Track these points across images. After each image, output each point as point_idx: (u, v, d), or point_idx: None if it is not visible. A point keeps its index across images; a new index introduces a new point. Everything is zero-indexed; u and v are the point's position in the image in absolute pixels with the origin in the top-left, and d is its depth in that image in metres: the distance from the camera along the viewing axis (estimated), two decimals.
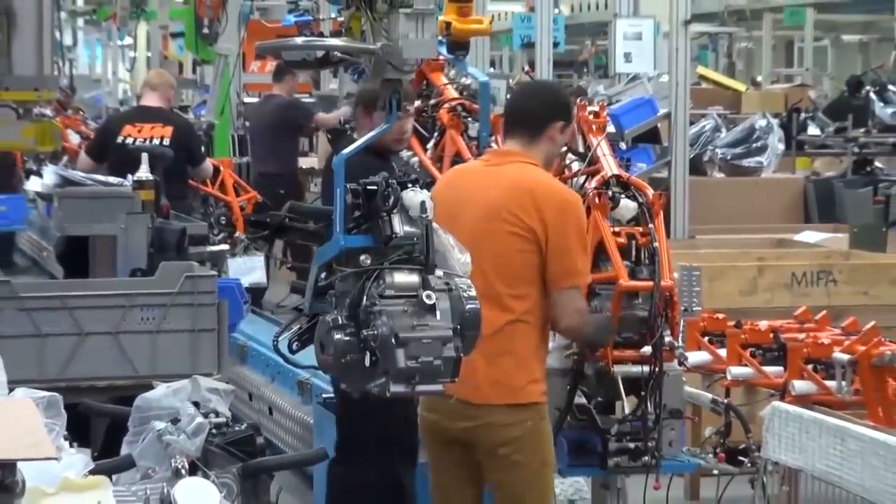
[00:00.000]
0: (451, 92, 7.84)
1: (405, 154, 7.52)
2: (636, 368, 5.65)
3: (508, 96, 6.50)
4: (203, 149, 11.89)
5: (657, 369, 5.64)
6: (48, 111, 10.04)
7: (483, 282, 5.22)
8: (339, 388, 6.66)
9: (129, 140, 10.60)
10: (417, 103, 7.54)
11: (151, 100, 11.48)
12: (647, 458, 5.69)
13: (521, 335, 5.27)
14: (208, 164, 11.44)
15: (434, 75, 7.65)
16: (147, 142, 10.49)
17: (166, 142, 10.54)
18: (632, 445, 5.64)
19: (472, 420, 5.22)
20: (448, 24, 7.80)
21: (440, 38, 7.90)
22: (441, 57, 7.94)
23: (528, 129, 5.49)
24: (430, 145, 7.50)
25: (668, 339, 5.67)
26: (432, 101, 7.67)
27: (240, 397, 7.52)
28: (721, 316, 7.69)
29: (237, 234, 11.98)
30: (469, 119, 7.51)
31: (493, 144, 6.74)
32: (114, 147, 10.68)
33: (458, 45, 7.99)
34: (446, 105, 7.50)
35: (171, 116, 11.23)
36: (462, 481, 5.44)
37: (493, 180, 5.37)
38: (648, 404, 5.66)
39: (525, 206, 5.23)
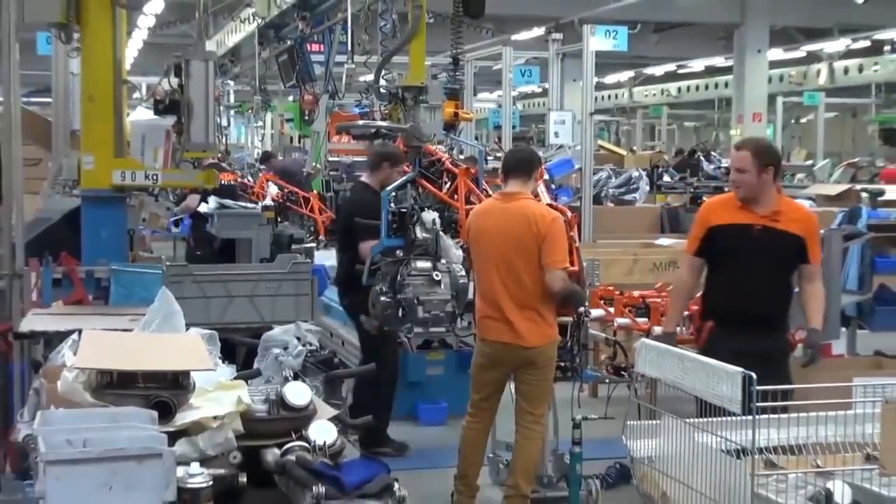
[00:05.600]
0: (444, 154, 7.78)
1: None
2: (565, 319, 5.59)
3: (503, 153, 6.45)
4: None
5: (579, 320, 5.61)
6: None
7: (521, 279, 5.25)
8: (362, 329, 6.65)
9: None
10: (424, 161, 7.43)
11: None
12: (570, 372, 5.66)
13: (543, 304, 5.27)
14: None
15: (428, 146, 7.56)
16: None
17: None
18: (562, 364, 5.60)
19: (529, 352, 5.24)
20: (456, 114, 7.78)
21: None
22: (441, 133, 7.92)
23: (523, 174, 5.43)
24: (446, 188, 7.38)
25: None
26: (444, 159, 7.58)
27: (324, 335, 7.50)
28: (611, 288, 7.67)
29: (321, 237, 12.08)
30: None
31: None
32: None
33: (450, 127, 7.97)
34: (449, 162, 7.44)
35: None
36: (498, 377, 5.43)
37: (512, 215, 5.31)
38: (571, 340, 5.62)
39: (531, 228, 5.22)
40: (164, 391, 2.67)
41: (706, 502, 2.98)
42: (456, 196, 7.15)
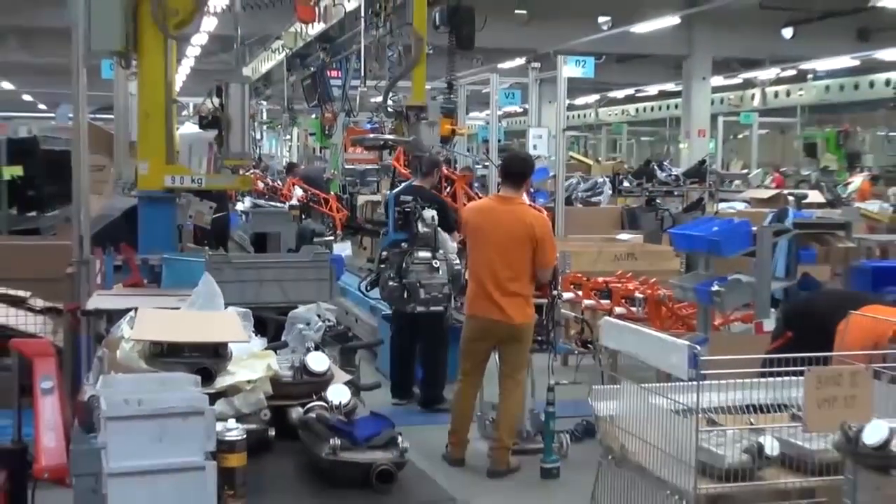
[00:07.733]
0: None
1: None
2: (541, 300, 5.58)
3: (501, 160, 6.35)
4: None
5: (553, 301, 5.60)
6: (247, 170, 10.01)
7: (511, 269, 5.24)
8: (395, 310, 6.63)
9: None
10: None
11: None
12: (545, 345, 5.65)
13: (527, 289, 5.27)
14: None
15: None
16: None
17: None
18: (539, 338, 5.59)
19: (510, 328, 5.23)
20: (453, 130, 7.76)
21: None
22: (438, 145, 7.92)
23: (518, 180, 5.38)
24: (447, 191, 7.40)
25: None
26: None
27: (341, 313, 7.45)
28: (580, 275, 7.66)
29: (338, 232, 12.04)
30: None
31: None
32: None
33: (446, 140, 7.95)
34: (447, 171, 7.48)
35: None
36: (485, 348, 5.43)
37: (510, 216, 5.26)
38: (546, 318, 5.62)
39: (529, 229, 5.19)
40: (206, 359, 2.67)
41: (658, 453, 2.97)
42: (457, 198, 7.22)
